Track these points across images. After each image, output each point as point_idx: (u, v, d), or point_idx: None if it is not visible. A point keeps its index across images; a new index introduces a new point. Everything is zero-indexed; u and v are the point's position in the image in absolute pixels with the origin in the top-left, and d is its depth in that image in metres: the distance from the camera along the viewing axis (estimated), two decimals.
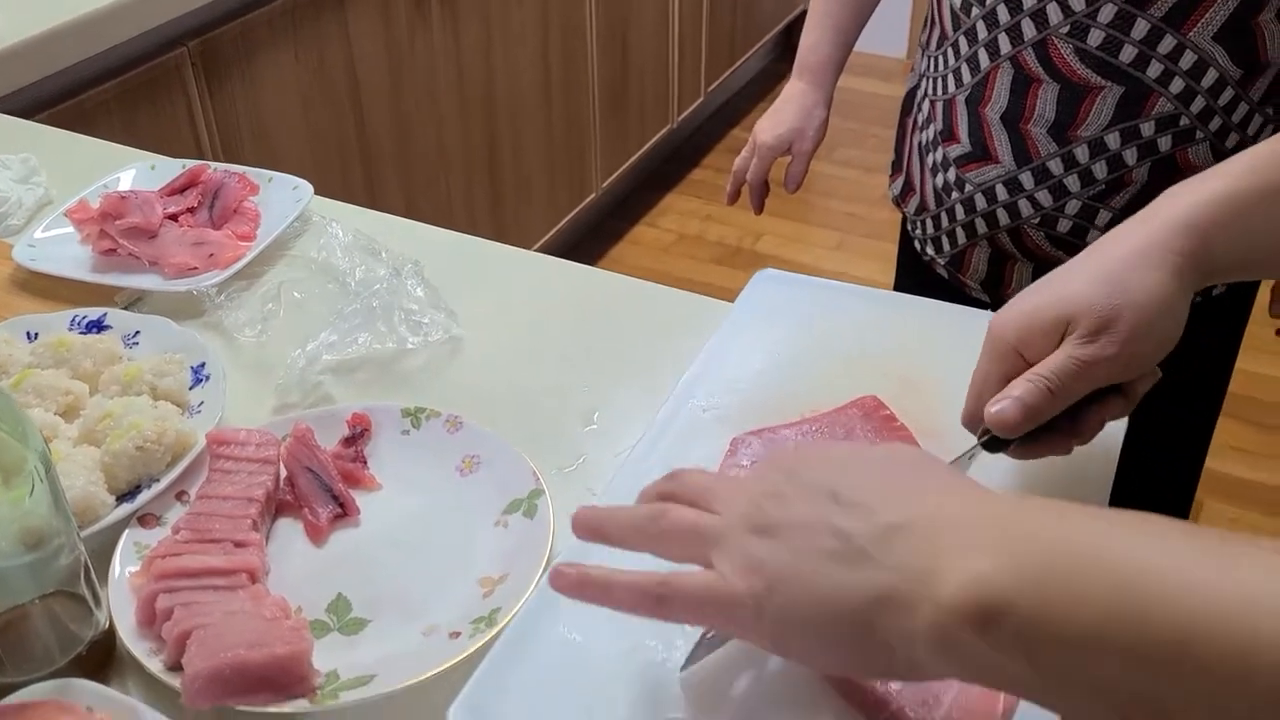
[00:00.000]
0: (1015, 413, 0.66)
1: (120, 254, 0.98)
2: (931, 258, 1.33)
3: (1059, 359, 0.66)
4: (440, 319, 0.91)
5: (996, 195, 1.19)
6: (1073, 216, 1.16)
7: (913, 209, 1.34)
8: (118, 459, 0.74)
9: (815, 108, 1.44)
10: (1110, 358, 0.65)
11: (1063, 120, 1.11)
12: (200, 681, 0.61)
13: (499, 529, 0.74)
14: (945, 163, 1.22)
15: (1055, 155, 1.14)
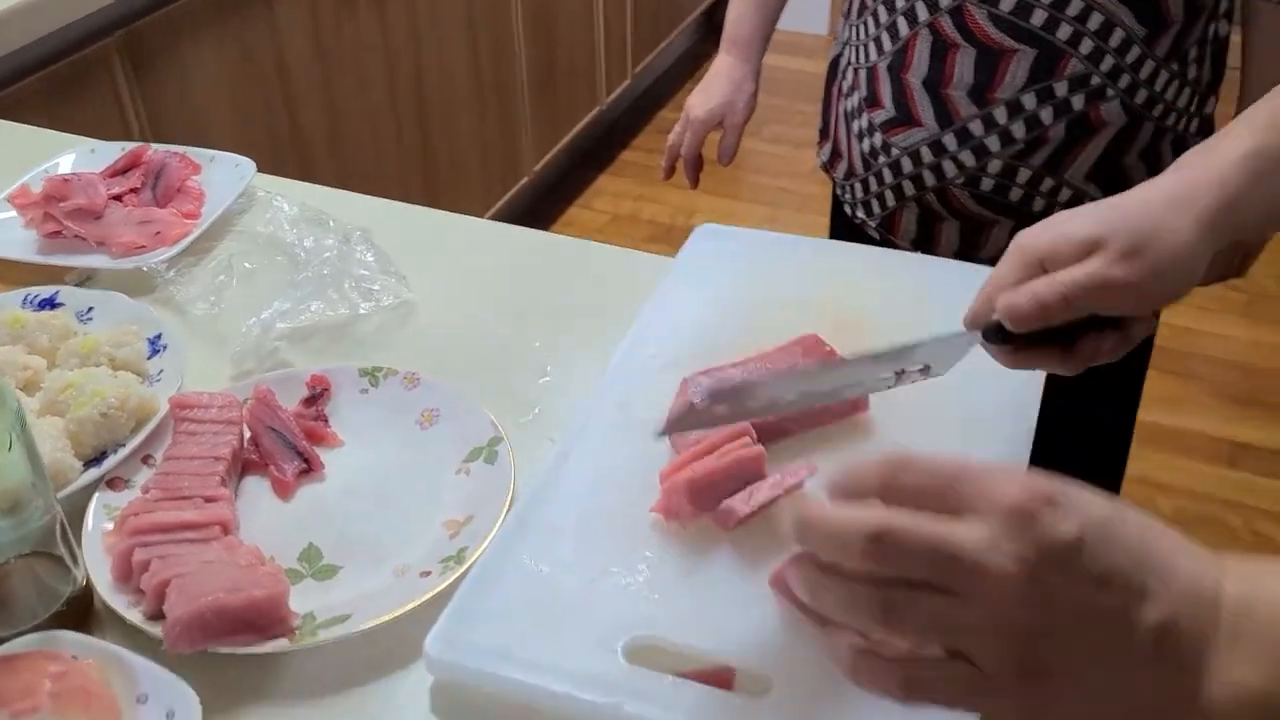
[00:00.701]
0: (1029, 306, 0.67)
1: (66, 236, 0.99)
2: (863, 221, 1.37)
3: (1082, 270, 0.67)
4: (391, 284, 0.93)
5: (921, 158, 1.23)
6: (995, 175, 1.21)
7: (841, 174, 1.38)
8: (83, 426, 0.75)
9: (744, 81, 1.47)
10: (1129, 284, 0.67)
11: (981, 83, 1.16)
12: (181, 626, 0.64)
13: (461, 476, 0.77)
14: (871, 128, 1.27)
15: (975, 117, 1.18)
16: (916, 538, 0.48)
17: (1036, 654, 0.47)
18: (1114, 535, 0.48)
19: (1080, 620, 0.47)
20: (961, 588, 0.47)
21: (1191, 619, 0.47)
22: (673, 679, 0.62)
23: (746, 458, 0.71)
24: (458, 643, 0.65)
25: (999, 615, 0.47)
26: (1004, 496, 0.47)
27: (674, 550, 0.70)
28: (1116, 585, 0.47)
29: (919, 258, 0.96)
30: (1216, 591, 0.48)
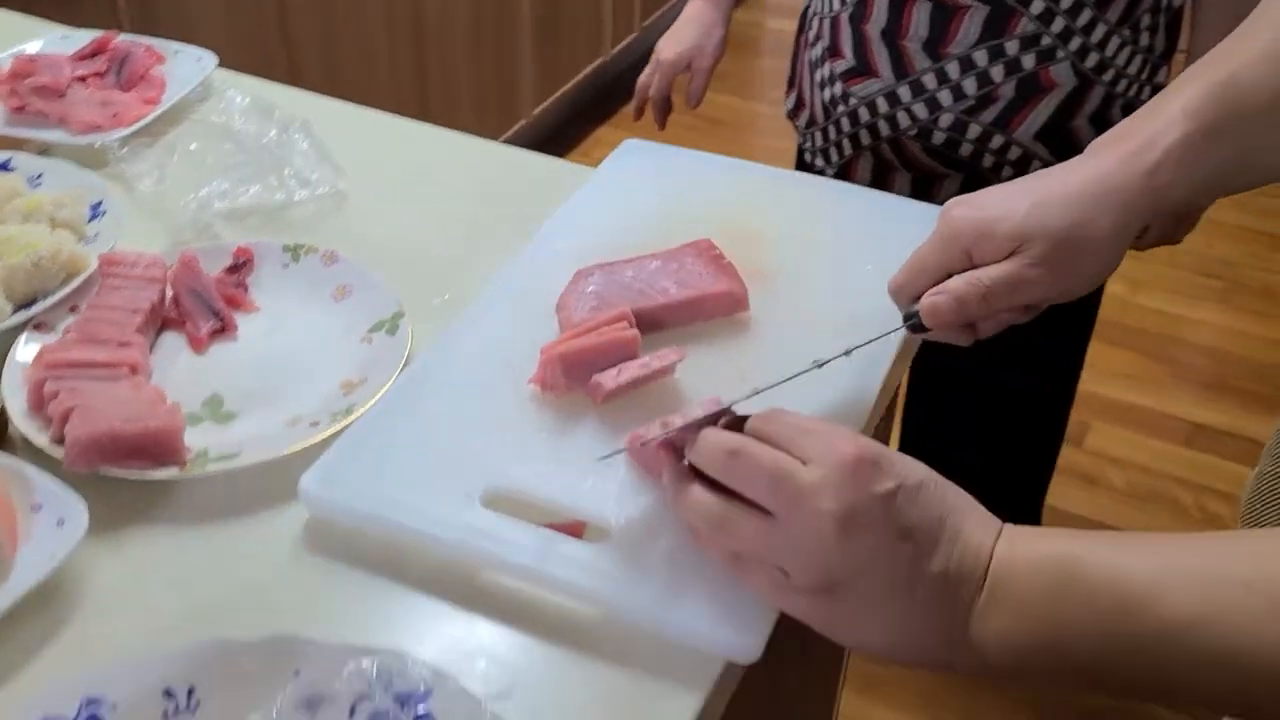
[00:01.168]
0: (949, 310, 0.71)
1: (29, 111, 1.05)
2: (821, 168, 1.42)
3: (1002, 271, 0.70)
4: (327, 173, 0.98)
5: (878, 108, 1.28)
6: (946, 129, 1.25)
7: (803, 122, 1.43)
8: (14, 273, 0.81)
9: (714, 26, 1.52)
10: (1049, 283, 0.70)
11: (935, 36, 1.20)
12: (80, 447, 0.69)
13: (363, 344, 0.82)
14: (832, 77, 1.31)
15: (929, 70, 1.23)
16: (760, 462, 0.59)
17: (833, 578, 0.58)
18: (922, 497, 0.58)
19: (877, 560, 0.57)
20: (783, 513, 0.58)
21: (967, 572, 0.57)
22: (523, 524, 0.68)
23: (620, 339, 0.76)
24: (332, 482, 0.70)
25: (808, 541, 0.57)
26: (840, 451, 0.58)
27: (545, 418, 0.75)
28: (914, 539, 0.57)
29: (829, 182, 1.01)
30: (989, 551, 0.57)
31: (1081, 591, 0.54)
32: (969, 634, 0.56)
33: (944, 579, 0.57)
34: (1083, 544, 0.56)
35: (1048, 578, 0.55)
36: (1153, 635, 0.52)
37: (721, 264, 0.85)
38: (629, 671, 0.62)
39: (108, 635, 0.64)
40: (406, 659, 0.57)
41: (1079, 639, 0.54)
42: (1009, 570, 0.56)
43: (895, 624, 0.58)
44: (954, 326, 0.72)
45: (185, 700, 0.58)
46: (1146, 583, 0.52)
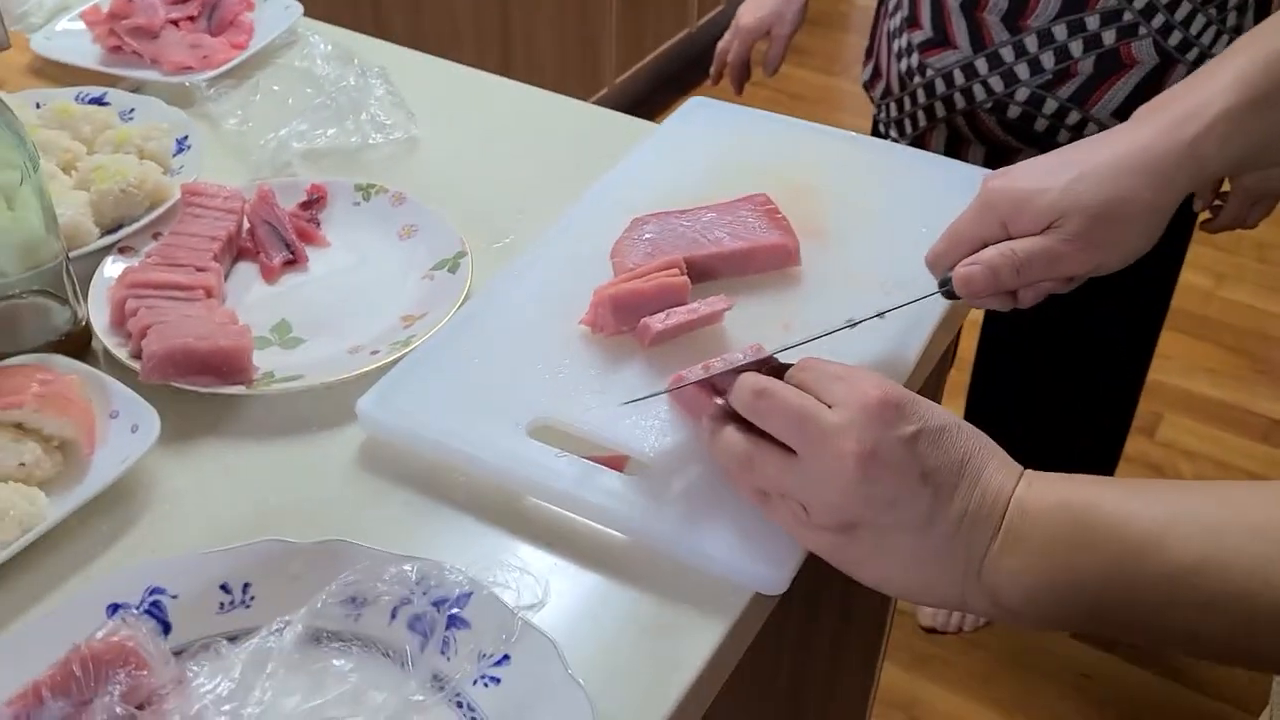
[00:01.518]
0: (982, 280, 0.71)
1: (125, 51, 1.10)
2: (894, 139, 1.42)
3: (1037, 244, 0.70)
4: (401, 119, 1.02)
5: (954, 80, 1.28)
6: (1022, 103, 1.25)
7: (879, 93, 1.43)
8: (103, 198, 0.86)
9: None
10: (1084, 257, 0.71)
11: (1015, 9, 1.19)
12: (155, 361, 0.74)
13: (425, 280, 0.86)
14: (909, 48, 1.31)
15: (1007, 43, 1.22)
16: (786, 402, 0.61)
17: (852, 517, 0.59)
18: (943, 441, 0.59)
19: (897, 501, 0.58)
20: (806, 453, 0.60)
21: (985, 515, 0.58)
22: (565, 454, 0.70)
23: (670, 285, 0.78)
24: (388, 406, 0.74)
25: (830, 480, 0.59)
26: (864, 394, 0.59)
27: (593, 357, 0.78)
28: (934, 481, 0.58)
29: (892, 145, 1.02)
30: (1008, 494, 0.59)
31: (1092, 534, 0.55)
32: (983, 574, 0.58)
33: (961, 521, 0.58)
34: (1097, 489, 0.57)
35: (1061, 521, 0.56)
36: (1161, 577, 0.53)
37: (775, 218, 0.86)
38: (658, 596, 0.65)
39: (172, 535, 0.69)
40: (444, 567, 0.60)
41: (1089, 581, 0.55)
42: (1024, 513, 0.58)
43: (912, 563, 0.59)
44: (988, 294, 0.73)
45: (241, 594, 0.62)
46: (1157, 526, 0.53)
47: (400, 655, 0.58)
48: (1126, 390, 1.62)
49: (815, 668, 0.96)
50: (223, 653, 0.56)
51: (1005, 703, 1.77)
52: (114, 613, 0.60)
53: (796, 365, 0.65)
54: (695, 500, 0.68)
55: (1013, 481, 0.59)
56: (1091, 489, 0.57)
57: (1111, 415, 1.64)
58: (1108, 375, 1.58)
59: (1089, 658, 1.81)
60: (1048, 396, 1.61)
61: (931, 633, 1.86)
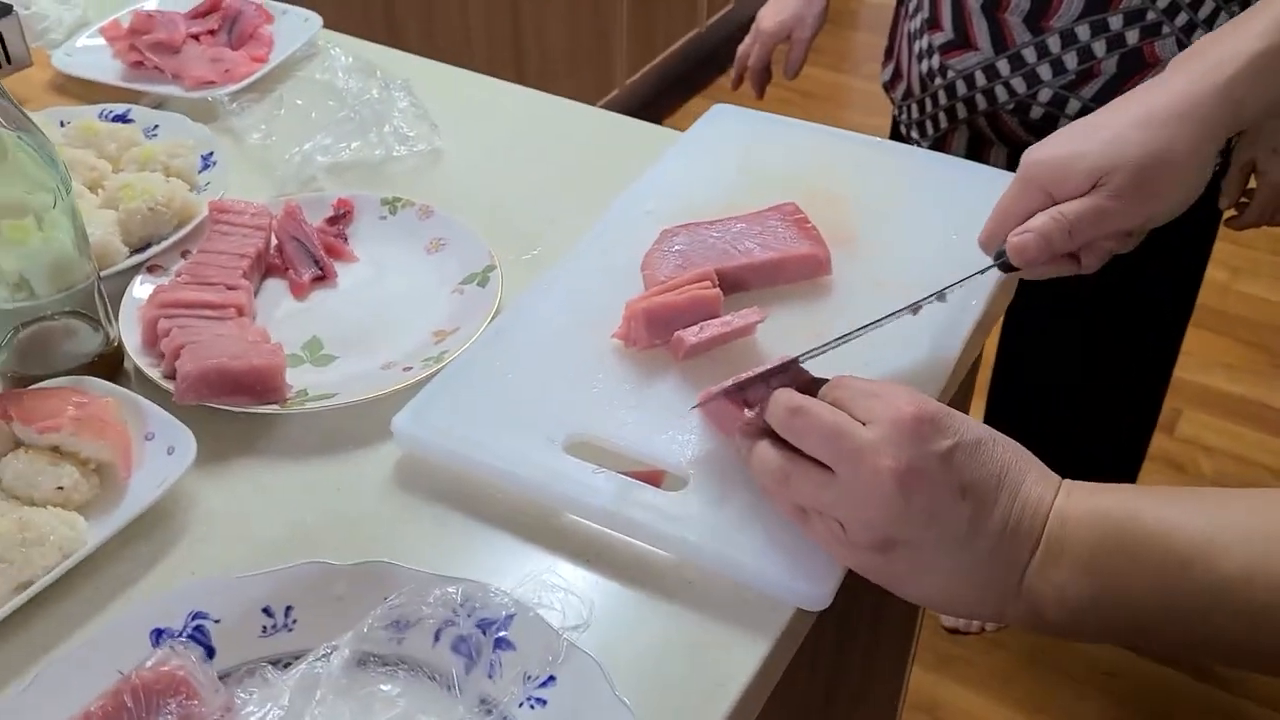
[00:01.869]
0: (1035, 247, 0.71)
1: (146, 66, 1.10)
2: (916, 141, 1.41)
3: (1085, 205, 0.70)
4: (425, 131, 1.02)
5: (975, 81, 1.27)
6: (1044, 104, 1.24)
7: (900, 94, 1.42)
8: (131, 216, 0.86)
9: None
10: (1133, 211, 0.71)
11: (1037, 10, 1.19)
12: (189, 381, 0.74)
13: (455, 295, 0.86)
14: (930, 50, 1.30)
15: (1029, 44, 1.21)
16: (821, 420, 0.60)
17: (891, 535, 0.59)
18: (980, 454, 0.59)
19: (935, 517, 0.58)
20: (842, 471, 0.59)
21: (1026, 528, 0.58)
22: (602, 470, 0.70)
23: (703, 297, 0.78)
24: (422, 421, 0.74)
25: (867, 498, 0.58)
26: (899, 411, 0.59)
27: (626, 371, 0.77)
28: (973, 495, 0.58)
29: (917, 151, 1.01)
30: (1048, 506, 0.58)
31: (1136, 546, 0.55)
32: (1024, 588, 0.57)
33: (1002, 534, 0.58)
34: (1137, 499, 0.56)
35: (1103, 532, 0.56)
36: (1208, 589, 0.52)
37: (805, 227, 0.86)
38: (700, 614, 0.64)
39: (212, 557, 0.68)
40: (489, 588, 0.60)
41: (1134, 593, 0.55)
42: (1064, 525, 0.57)
43: (953, 579, 0.59)
44: (1042, 261, 0.72)
45: (283, 617, 0.61)
46: (1201, 537, 0.53)
47: (446, 678, 0.58)
48: (1150, 390, 1.61)
49: (848, 679, 0.95)
50: (270, 679, 0.56)
51: (1027, 702, 1.76)
52: (157, 638, 0.60)
53: (830, 383, 0.65)
54: (735, 515, 0.67)
55: (1051, 492, 0.59)
56: (1132, 499, 0.57)
57: (1135, 415, 1.63)
58: (1131, 374, 1.58)
59: (1112, 656, 1.81)
60: (1070, 397, 1.61)
61: (954, 633, 1.86)
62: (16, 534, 0.64)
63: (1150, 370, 1.58)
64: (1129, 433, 1.65)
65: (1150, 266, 1.39)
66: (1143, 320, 1.50)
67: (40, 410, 0.70)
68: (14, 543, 0.64)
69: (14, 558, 0.64)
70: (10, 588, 0.64)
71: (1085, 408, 1.60)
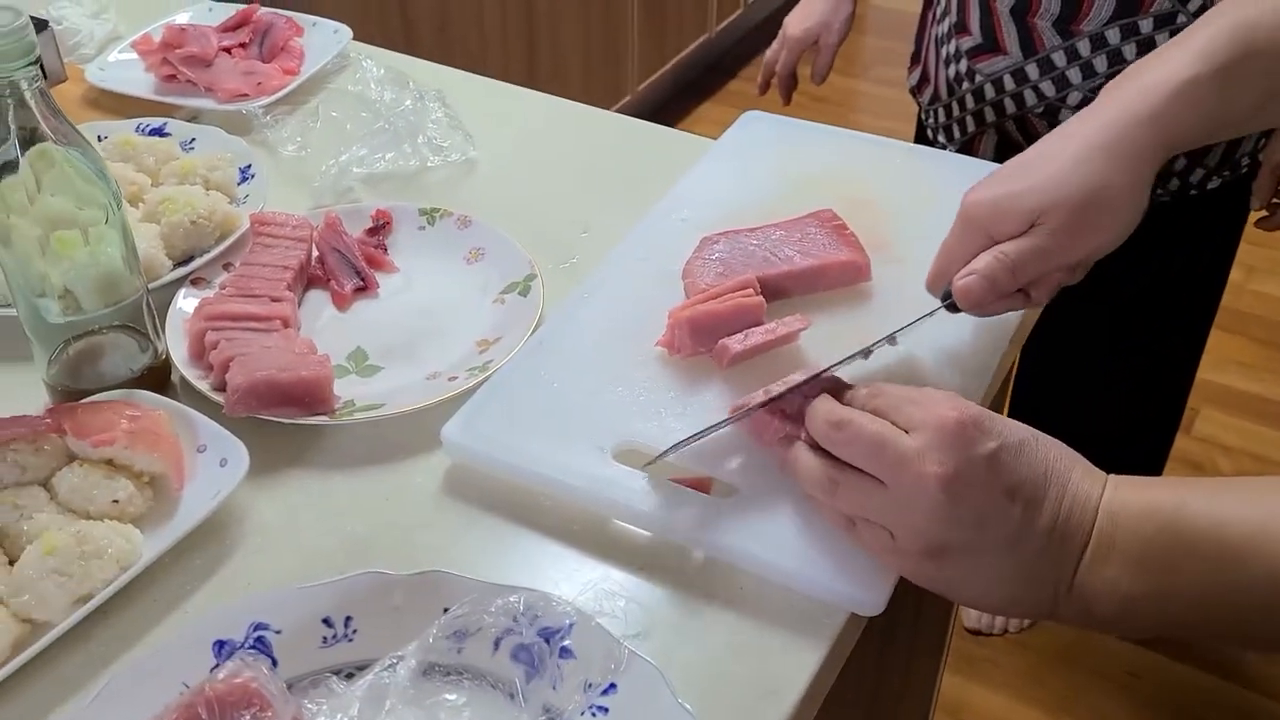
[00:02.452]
0: (979, 288, 0.72)
1: (179, 80, 1.10)
2: (943, 145, 1.41)
3: (1025, 244, 0.71)
4: (459, 141, 1.02)
5: (1004, 85, 1.27)
6: (1074, 107, 1.24)
7: (927, 99, 1.42)
8: (174, 230, 0.86)
9: (842, 2, 1.51)
10: (1074, 247, 0.71)
11: (1066, 14, 1.19)
12: (239, 394, 0.74)
13: (497, 304, 0.86)
14: (958, 54, 1.30)
15: (1059, 48, 1.21)
16: (865, 431, 0.61)
17: (940, 540, 0.59)
18: (1025, 455, 0.59)
19: (985, 520, 0.58)
20: (888, 478, 0.60)
21: (1075, 524, 0.58)
22: (651, 477, 0.71)
23: (746, 305, 0.78)
24: (471, 431, 0.74)
25: (916, 505, 0.59)
26: (941, 415, 0.59)
27: (672, 379, 0.78)
28: (1021, 496, 0.58)
29: (946, 155, 1.02)
30: (1096, 502, 0.59)
31: (1189, 539, 0.55)
32: (1076, 584, 0.58)
33: (1051, 533, 0.58)
34: (1187, 492, 0.57)
35: (1153, 526, 0.56)
36: (1263, 579, 0.53)
37: (844, 233, 0.86)
38: (755, 620, 0.65)
39: (265, 568, 0.69)
40: (551, 597, 0.60)
41: (1187, 586, 0.55)
42: (1115, 520, 0.58)
43: (1007, 580, 0.59)
44: (990, 301, 0.73)
45: (343, 628, 0.62)
46: (1253, 528, 0.54)
47: (508, 686, 0.59)
48: (1174, 392, 1.61)
49: (890, 681, 0.96)
50: (337, 690, 0.56)
51: (1051, 703, 1.76)
52: (220, 649, 0.61)
53: (869, 391, 0.65)
54: (785, 521, 0.68)
55: (1098, 488, 0.59)
56: (1181, 492, 0.57)
57: (1158, 417, 1.63)
58: (1155, 376, 1.58)
59: (1136, 656, 1.81)
60: (1093, 399, 1.61)
61: (976, 634, 1.86)
62: (75, 548, 0.65)
63: (1174, 372, 1.58)
64: (1152, 435, 1.65)
65: (1174, 268, 1.40)
66: (1166, 321, 1.50)
67: (94, 424, 0.71)
68: (73, 556, 0.65)
69: (73, 571, 0.64)
70: (70, 601, 0.64)
71: (1108, 410, 1.60)
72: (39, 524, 0.67)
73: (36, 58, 0.67)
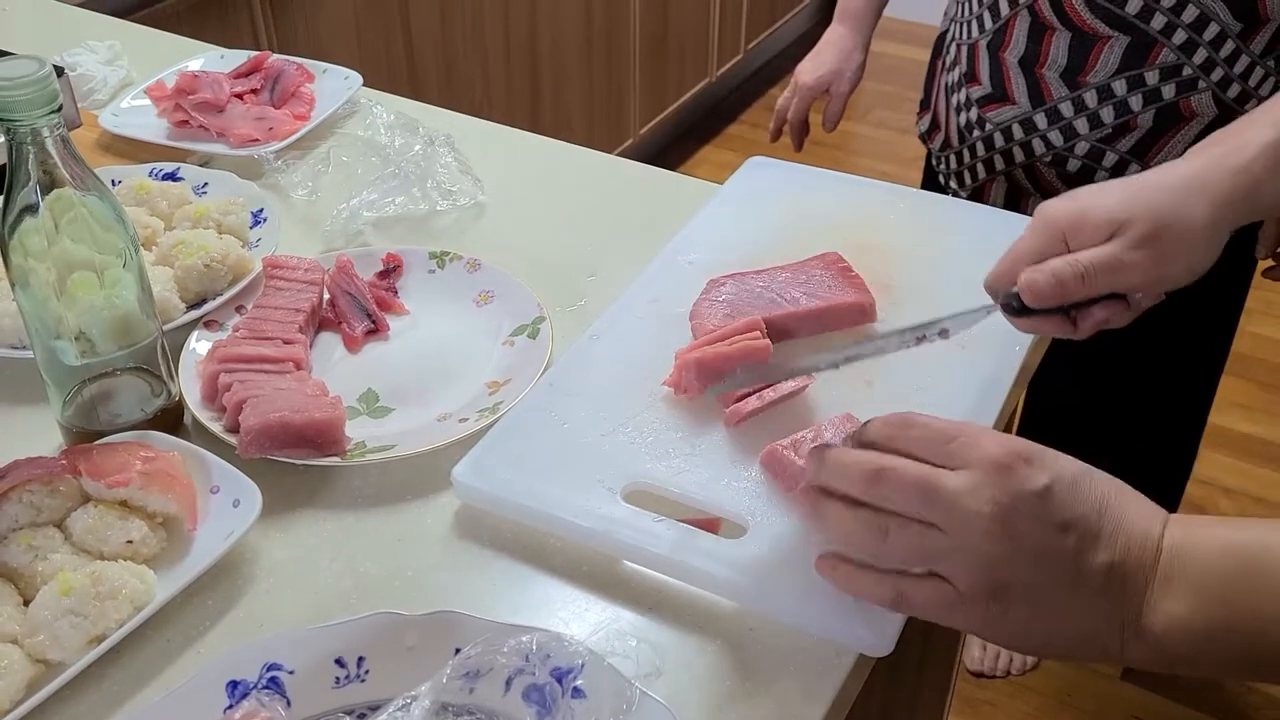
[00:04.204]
0: (1047, 286, 0.70)
1: (191, 125, 1.12)
2: (954, 191, 1.43)
3: (1101, 252, 0.70)
4: (468, 186, 1.04)
5: (1013, 134, 1.28)
6: (1081, 157, 1.26)
7: (938, 145, 1.44)
8: (188, 273, 0.87)
9: (854, 51, 1.54)
10: (1147, 267, 0.70)
11: (1074, 66, 1.20)
12: (253, 435, 0.75)
13: (506, 347, 0.87)
14: (968, 103, 1.32)
15: (1067, 99, 1.23)
16: (908, 476, 0.59)
17: (1001, 579, 0.58)
18: (1079, 489, 0.58)
19: (1041, 557, 0.57)
20: (941, 521, 0.58)
21: (1136, 560, 0.58)
22: (661, 518, 0.71)
23: (753, 348, 0.79)
24: (481, 472, 0.75)
25: (970, 545, 0.58)
26: (988, 453, 0.58)
27: (679, 419, 0.78)
28: (1076, 531, 0.57)
29: (950, 200, 1.03)
30: (1157, 539, 0.58)
31: (1273, 579, 0.54)
32: (1142, 623, 0.57)
33: (1110, 569, 0.57)
34: (1261, 530, 0.56)
35: (1232, 565, 0.56)
36: None
37: (849, 276, 0.87)
38: (764, 660, 0.65)
39: (278, 608, 0.69)
40: (563, 637, 0.60)
41: (1268, 625, 0.54)
42: (1186, 557, 0.57)
43: (1068, 620, 0.58)
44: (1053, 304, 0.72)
45: (356, 668, 0.62)
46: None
47: None
48: (1184, 439, 1.61)
49: None
50: None
51: None
52: (234, 689, 0.61)
53: (891, 425, 0.63)
54: (795, 562, 0.68)
55: (1159, 525, 0.58)
56: (1258, 530, 0.57)
57: (1168, 466, 1.63)
58: (1165, 425, 1.58)
59: (1140, 699, 1.80)
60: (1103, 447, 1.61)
61: (979, 676, 1.86)
62: (90, 588, 0.65)
63: (1185, 418, 1.58)
64: (1163, 481, 1.65)
65: (1184, 318, 1.41)
66: (1176, 370, 1.50)
67: (108, 465, 0.71)
68: (88, 596, 0.65)
69: (88, 611, 0.65)
70: (84, 641, 0.65)
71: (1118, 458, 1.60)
72: (54, 564, 0.67)
73: (59, 105, 0.68)
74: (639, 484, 0.74)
